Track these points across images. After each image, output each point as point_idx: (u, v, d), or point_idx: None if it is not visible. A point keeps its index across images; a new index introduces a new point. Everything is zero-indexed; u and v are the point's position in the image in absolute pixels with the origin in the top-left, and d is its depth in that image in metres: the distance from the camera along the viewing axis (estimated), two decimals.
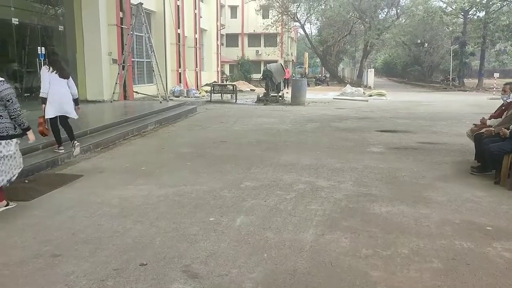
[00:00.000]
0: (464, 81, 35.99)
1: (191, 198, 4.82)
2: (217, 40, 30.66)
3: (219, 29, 31.42)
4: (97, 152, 7.41)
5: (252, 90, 26.53)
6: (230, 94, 18.99)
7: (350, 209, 4.47)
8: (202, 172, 6.01)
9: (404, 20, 38.01)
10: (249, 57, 43.82)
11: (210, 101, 18.04)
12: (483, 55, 35.46)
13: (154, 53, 15.72)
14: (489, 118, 6.57)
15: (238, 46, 46.28)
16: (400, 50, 47.36)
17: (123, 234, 3.78)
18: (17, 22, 11.70)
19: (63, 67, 6.75)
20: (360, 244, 3.58)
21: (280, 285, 2.94)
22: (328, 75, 44.13)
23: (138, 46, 18.06)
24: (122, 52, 14.98)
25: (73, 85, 6.73)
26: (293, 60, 57.52)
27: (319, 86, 33.99)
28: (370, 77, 33.66)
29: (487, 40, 32.83)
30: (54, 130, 6.62)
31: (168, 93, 18.05)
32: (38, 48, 12.27)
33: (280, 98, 17.98)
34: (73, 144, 6.70)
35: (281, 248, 3.49)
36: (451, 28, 36.92)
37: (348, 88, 23.90)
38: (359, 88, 24.98)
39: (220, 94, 19.21)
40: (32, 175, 5.64)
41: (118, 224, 4.01)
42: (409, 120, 12.19)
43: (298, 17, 39.64)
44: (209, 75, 28.28)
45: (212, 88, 19.27)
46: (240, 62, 41.55)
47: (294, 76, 36.98)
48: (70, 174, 5.82)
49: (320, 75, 46.39)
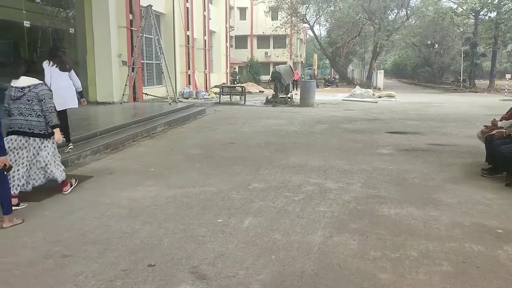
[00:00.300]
0: (475, 82, 35.68)
1: (200, 200, 4.84)
2: (226, 42, 30.75)
3: (228, 31, 31.50)
4: (107, 153, 7.46)
5: (261, 92, 26.54)
6: (239, 96, 19.04)
7: (359, 211, 4.45)
8: (211, 174, 6.03)
9: (414, 21, 37.79)
10: (258, 59, 43.86)
11: (219, 103, 18.09)
12: (495, 56, 35.11)
13: (164, 55, 15.80)
14: (500, 120, 6.48)
15: (247, 48, 46.35)
16: (410, 51, 47.10)
17: (132, 235, 3.80)
18: (29, 25, 11.85)
19: (64, 60, 6.72)
20: (369, 246, 3.56)
21: (288, 287, 2.93)
22: (338, 77, 44.02)
23: (148, 48, 18.18)
24: (132, 54, 15.08)
25: (76, 78, 6.76)
26: (302, 62, 57.45)
27: (328, 88, 33.90)
28: (380, 79, 33.51)
29: (499, 41, 32.46)
30: (63, 126, 6.64)
31: (177, 95, 18.13)
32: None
33: (289, 100, 17.96)
34: (67, 146, 6.74)
35: (289, 250, 3.49)
36: (462, 29, 36.59)
37: (358, 90, 23.82)
38: (369, 90, 24.88)
39: (229, 96, 19.25)
40: None
41: (127, 225, 4.04)
42: (419, 122, 12.10)
43: (307, 19, 39.60)
44: (218, 77, 28.37)
45: (221, 90, 19.33)
46: (249, 64, 41.60)
47: (303, 78, 36.91)
48: (80, 175, 5.86)
49: (329, 77, 46.34)
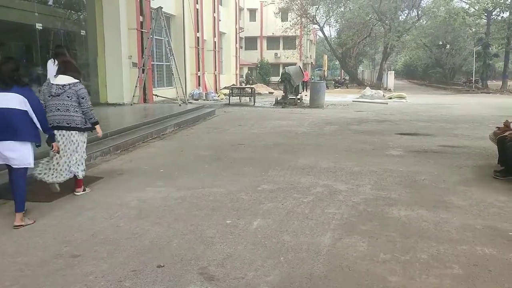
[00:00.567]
0: (488, 83, 35.27)
1: (209, 201, 4.85)
2: (236, 43, 30.80)
3: (238, 32, 31.55)
4: (117, 155, 7.51)
5: (271, 93, 26.55)
6: (249, 97, 19.07)
7: (368, 213, 4.42)
8: (220, 175, 6.04)
9: (425, 22, 37.46)
10: (268, 60, 43.87)
11: (229, 104, 18.12)
12: (508, 57, 34.63)
13: (174, 57, 15.87)
14: None
15: (257, 49, 46.42)
16: (421, 52, 46.66)
17: (141, 236, 3.82)
18: (41, 27, 11.99)
19: (67, 60, 6.84)
20: (378, 249, 3.53)
21: None
22: (348, 78, 43.83)
23: (158, 50, 18.28)
24: (142, 56, 15.17)
25: None
26: (312, 63, 57.32)
27: (338, 89, 33.79)
28: (390, 80, 33.31)
29: None
30: None
31: (187, 96, 18.21)
32: None
33: (299, 101, 17.93)
34: None
35: (298, 252, 3.47)
36: (474, 29, 36.17)
37: (368, 91, 23.69)
38: (379, 91, 24.73)
39: (239, 97, 19.28)
40: None
41: (136, 226, 4.06)
42: (430, 123, 12.00)
43: (317, 20, 39.52)
44: (228, 78, 28.43)
45: (231, 91, 19.37)
46: (259, 65, 41.62)
47: (313, 79, 36.81)
48: (91, 176, 5.90)
49: (339, 78, 46.16)
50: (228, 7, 29.34)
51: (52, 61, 6.70)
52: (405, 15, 38.37)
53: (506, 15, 32.02)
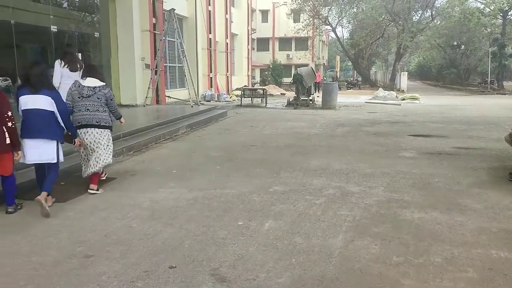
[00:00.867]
0: (504, 84, 34.74)
1: (220, 202, 4.86)
2: (248, 45, 30.83)
3: (250, 34, 31.59)
4: (130, 155, 7.58)
5: (283, 94, 26.51)
6: (260, 98, 19.07)
7: (381, 215, 4.38)
8: (232, 176, 6.05)
9: (439, 22, 37.03)
10: (280, 61, 43.83)
11: (241, 105, 18.14)
12: None
13: (186, 58, 15.94)
14: None
15: (269, 50, 46.38)
16: (435, 53, 46.12)
17: (154, 237, 3.84)
18: (56, 30, 12.15)
19: (74, 60, 6.95)
20: (391, 251, 3.50)
21: None
22: (360, 79, 43.56)
23: (170, 51, 18.39)
24: (155, 57, 15.28)
25: None
26: (324, 64, 57.11)
27: (351, 90, 33.62)
28: (403, 81, 33.02)
29: None
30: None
31: (199, 98, 18.27)
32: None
33: (311, 102, 17.88)
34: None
35: (310, 254, 3.46)
36: (490, 30, 35.66)
37: (381, 92, 23.52)
38: (392, 92, 24.54)
39: (250, 98, 19.29)
40: (68, 177, 5.82)
41: (149, 227, 4.08)
42: (444, 125, 11.85)
43: (330, 21, 39.34)
44: (240, 80, 28.47)
45: (243, 92, 19.39)
46: (271, 66, 41.60)
47: (325, 80, 36.66)
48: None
49: (352, 79, 45.90)
50: (240, 9, 29.40)
51: (59, 62, 6.73)
52: (419, 16, 37.96)
53: None
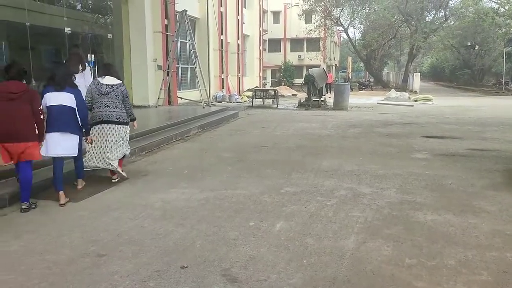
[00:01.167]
0: None
1: (232, 202, 4.86)
2: (260, 46, 30.85)
3: (262, 35, 31.61)
4: (142, 156, 7.63)
5: (294, 95, 26.46)
6: (272, 99, 19.05)
7: (393, 217, 4.35)
8: (243, 177, 6.05)
9: (453, 22, 36.62)
10: (292, 62, 43.77)
11: (252, 106, 18.16)
12: None
13: (198, 59, 16.01)
14: None
15: (281, 51, 46.32)
16: (448, 53, 45.62)
17: (165, 237, 3.86)
18: (70, 31, 12.30)
19: (78, 60, 7.06)
20: (403, 253, 3.47)
21: None
22: (372, 80, 43.26)
23: (182, 53, 18.49)
24: (167, 59, 15.38)
25: (89, 78, 7.11)
26: (336, 65, 56.87)
27: (363, 91, 33.39)
28: (416, 82, 32.69)
29: None
30: None
31: (211, 99, 18.33)
32: (89, 56, 12.83)
33: (322, 103, 17.82)
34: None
35: (321, 255, 3.45)
36: (504, 30, 35.12)
37: (393, 93, 23.36)
38: (404, 93, 24.35)
39: (262, 99, 19.30)
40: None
41: (160, 227, 4.11)
42: (457, 126, 11.72)
43: (341, 21, 39.15)
44: (251, 80, 28.50)
45: (254, 93, 19.41)
46: (283, 67, 41.54)
47: (337, 81, 36.49)
48: None
49: (364, 80, 45.59)
50: (252, 10, 29.43)
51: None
52: (432, 16, 37.59)
53: None
